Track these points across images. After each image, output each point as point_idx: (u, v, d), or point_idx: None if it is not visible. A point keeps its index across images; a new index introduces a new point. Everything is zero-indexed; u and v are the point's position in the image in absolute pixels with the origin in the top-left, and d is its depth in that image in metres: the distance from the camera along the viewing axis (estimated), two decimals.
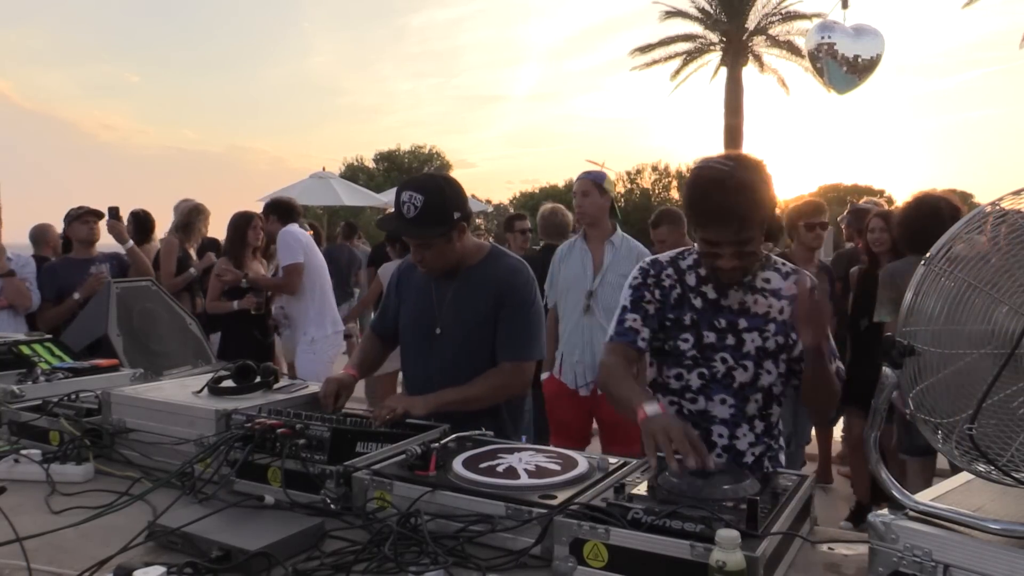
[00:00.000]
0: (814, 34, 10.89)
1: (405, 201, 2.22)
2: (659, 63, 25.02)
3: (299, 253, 4.67)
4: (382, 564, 1.42)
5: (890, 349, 1.31)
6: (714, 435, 1.95)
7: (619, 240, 3.80)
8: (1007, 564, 1.19)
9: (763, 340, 1.94)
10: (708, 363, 1.95)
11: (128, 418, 2.12)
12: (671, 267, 2.03)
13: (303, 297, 4.73)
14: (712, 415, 1.96)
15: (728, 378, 1.94)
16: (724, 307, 1.96)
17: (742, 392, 1.95)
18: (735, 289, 1.95)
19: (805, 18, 22.59)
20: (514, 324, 2.32)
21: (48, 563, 1.47)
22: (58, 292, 4.48)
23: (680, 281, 2.01)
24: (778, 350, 1.95)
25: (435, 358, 2.37)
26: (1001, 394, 1.20)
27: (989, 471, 1.25)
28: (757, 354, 1.93)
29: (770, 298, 1.96)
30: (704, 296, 1.98)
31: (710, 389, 1.95)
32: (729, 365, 1.94)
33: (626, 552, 1.35)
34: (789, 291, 1.95)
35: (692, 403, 1.97)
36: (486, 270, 2.36)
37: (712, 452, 1.89)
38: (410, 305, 2.46)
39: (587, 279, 3.76)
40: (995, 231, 1.25)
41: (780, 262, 2.03)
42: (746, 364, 1.93)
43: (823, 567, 1.48)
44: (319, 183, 13.64)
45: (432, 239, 2.26)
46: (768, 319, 1.94)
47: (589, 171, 3.90)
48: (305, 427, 1.82)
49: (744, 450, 1.96)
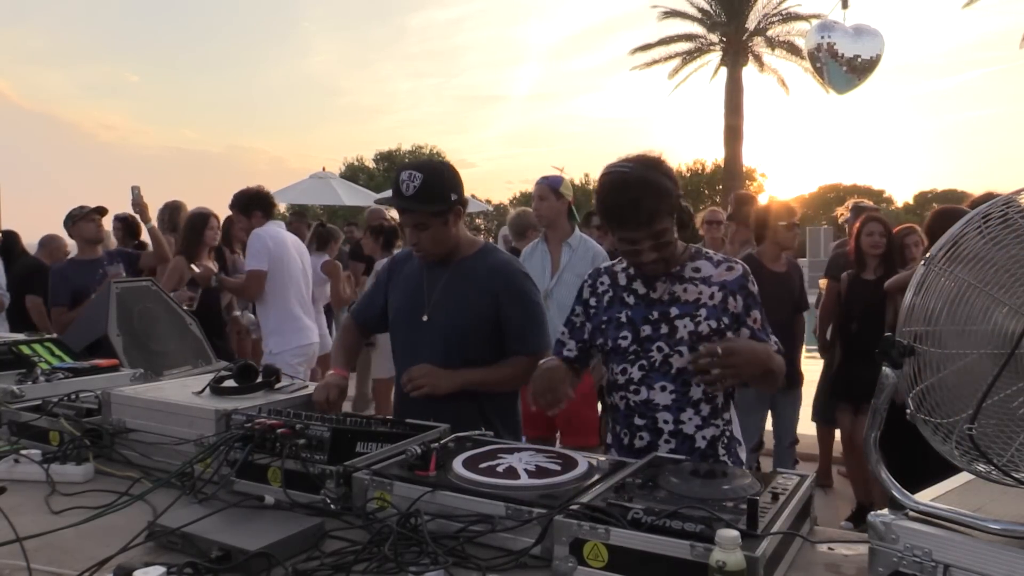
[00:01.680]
0: (814, 34, 10.91)
1: (404, 180, 2.26)
2: (659, 63, 25.07)
3: (264, 260, 4.45)
4: (382, 564, 1.42)
5: (890, 349, 1.31)
6: (659, 422, 2.04)
7: (576, 241, 4.00)
8: (1007, 564, 1.19)
9: (695, 325, 2.01)
10: (647, 354, 2.04)
11: (128, 418, 2.12)
12: (606, 273, 2.19)
13: (265, 307, 4.56)
14: (655, 403, 2.04)
15: (665, 365, 2.03)
16: (655, 300, 2.07)
17: (680, 377, 2.02)
18: (662, 281, 2.06)
19: (805, 19, 22.61)
20: (522, 318, 2.37)
21: (48, 563, 1.47)
22: (73, 296, 4.45)
23: (613, 284, 2.15)
24: (712, 333, 2.01)
25: (422, 345, 2.39)
26: (1001, 394, 1.20)
27: (989, 471, 1.25)
28: (690, 339, 2.00)
29: (700, 285, 2.05)
30: (635, 292, 2.10)
31: (650, 378, 2.04)
32: (665, 353, 2.02)
33: (626, 552, 1.35)
34: (720, 277, 2.04)
35: (635, 394, 2.06)
36: (479, 262, 2.40)
37: (659, 438, 2.03)
38: (400, 293, 2.49)
39: (545, 279, 3.92)
40: (995, 231, 1.25)
41: (710, 252, 2.14)
42: (680, 349, 2.01)
43: (823, 567, 1.48)
44: (319, 183, 13.63)
45: (429, 217, 2.28)
46: (699, 304, 2.03)
47: (546, 176, 4.07)
48: (305, 427, 1.82)
49: (692, 434, 2.03)
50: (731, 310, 2.03)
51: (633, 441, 2.07)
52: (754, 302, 2.06)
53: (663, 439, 2.03)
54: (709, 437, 2.05)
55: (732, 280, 2.04)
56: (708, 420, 2.05)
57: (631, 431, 2.08)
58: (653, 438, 2.04)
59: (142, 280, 3.54)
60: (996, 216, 1.26)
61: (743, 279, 2.05)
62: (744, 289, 2.05)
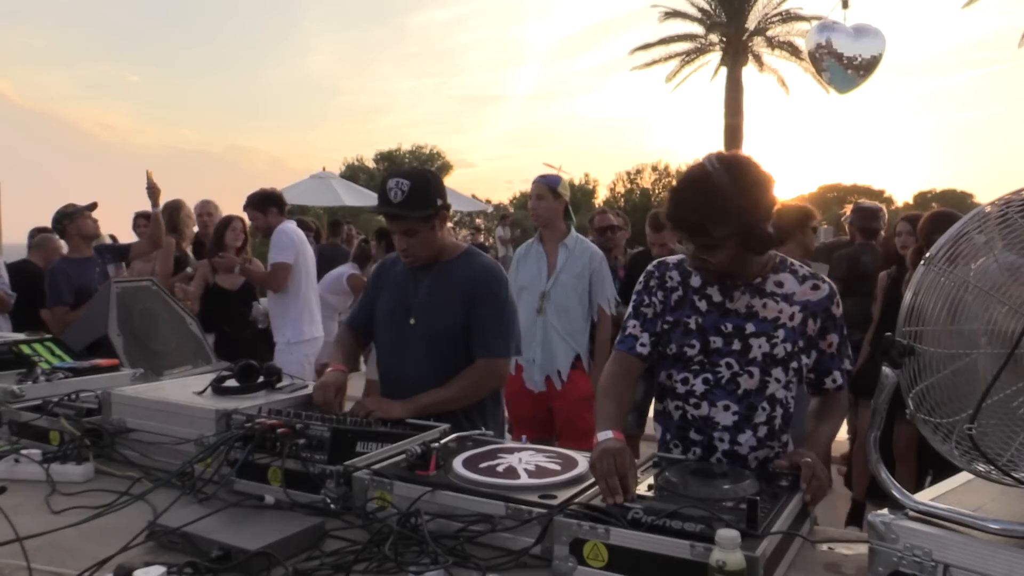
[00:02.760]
0: (814, 34, 10.91)
1: (391, 187, 2.31)
2: (659, 63, 25.02)
3: (290, 253, 4.67)
4: (382, 564, 1.42)
5: (890, 349, 1.31)
6: (715, 440, 1.90)
7: (573, 242, 3.93)
8: (1007, 564, 1.19)
9: (771, 347, 1.86)
10: (713, 368, 1.89)
11: (128, 418, 2.12)
12: (676, 269, 1.99)
13: (286, 297, 4.72)
14: (715, 421, 1.89)
15: (732, 384, 1.88)
16: (730, 311, 1.89)
17: (747, 399, 1.88)
18: (741, 292, 1.89)
19: (805, 19, 22.60)
20: (487, 322, 2.37)
21: (48, 563, 1.47)
22: (76, 294, 4.45)
23: (684, 283, 1.96)
24: (787, 357, 1.87)
25: (409, 349, 2.42)
26: (1001, 394, 1.21)
27: (989, 471, 1.25)
28: (764, 361, 1.86)
29: (781, 303, 1.88)
30: (709, 299, 1.92)
31: (714, 395, 1.89)
32: (734, 371, 1.88)
33: (626, 552, 1.35)
34: (803, 296, 1.89)
35: (696, 408, 1.91)
36: (461, 267, 2.43)
37: (712, 455, 1.90)
38: (387, 297, 2.52)
39: (541, 280, 3.89)
40: (995, 231, 1.25)
41: (797, 264, 1.97)
42: (751, 371, 1.87)
43: (823, 567, 1.48)
44: (319, 183, 13.64)
45: (418, 223, 2.32)
46: (777, 324, 1.87)
47: (544, 175, 4.01)
48: (305, 427, 1.82)
49: (746, 455, 1.90)
50: (808, 333, 1.89)
51: (686, 453, 1.92)
52: (834, 325, 1.91)
53: (715, 457, 1.90)
54: (762, 458, 1.91)
55: (816, 301, 1.89)
56: (764, 441, 1.91)
57: (684, 444, 1.94)
58: (707, 455, 1.91)
59: (142, 280, 3.54)
60: (996, 216, 1.26)
61: (828, 301, 1.90)
62: (826, 312, 1.89)
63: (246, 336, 4.85)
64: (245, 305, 4.92)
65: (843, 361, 1.95)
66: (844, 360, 1.95)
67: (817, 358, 1.93)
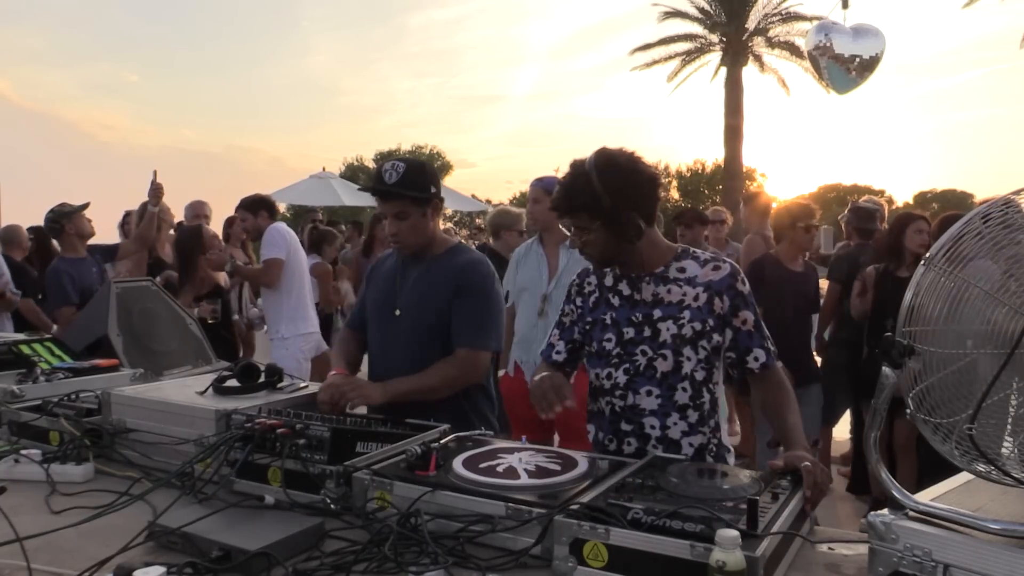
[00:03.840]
0: (814, 34, 10.90)
1: (387, 169, 2.35)
2: (659, 63, 25.00)
3: (282, 250, 4.79)
4: (382, 564, 1.42)
5: (890, 349, 1.31)
6: (646, 427, 1.99)
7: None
8: (1007, 564, 1.19)
9: (679, 328, 1.96)
10: (631, 358, 2.00)
11: (128, 418, 2.12)
12: (593, 274, 2.14)
13: (279, 294, 4.81)
14: (641, 408, 1.99)
15: (650, 369, 1.98)
16: (639, 301, 2.02)
17: (666, 381, 1.97)
18: (647, 282, 2.02)
19: (805, 20, 22.60)
20: (470, 312, 2.38)
21: (48, 563, 1.47)
22: (81, 294, 4.45)
23: (599, 284, 2.11)
24: (696, 336, 1.96)
25: (394, 339, 2.44)
26: (1001, 394, 1.21)
27: (989, 471, 1.25)
28: (674, 342, 1.96)
29: (685, 286, 1.99)
30: (620, 294, 2.06)
31: (635, 383, 2.00)
32: (649, 356, 1.98)
33: (626, 552, 1.35)
34: (705, 276, 1.99)
35: (622, 399, 2.01)
36: (449, 259, 2.45)
37: (647, 444, 1.99)
38: (375, 290, 2.55)
39: (543, 283, 3.88)
40: (995, 231, 1.25)
41: (699, 252, 2.07)
42: (664, 353, 1.96)
43: (823, 567, 1.48)
44: (319, 183, 13.63)
45: (410, 205, 2.34)
46: (683, 307, 1.97)
47: (541, 178, 4.02)
48: (305, 427, 1.82)
49: (678, 439, 1.98)
50: (717, 311, 1.97)
51: (621, 447, 2.02)
52: (744, 303, 1.98)
53: (651, 444, 1.98)
54: (696, 445, 1.99)
55: (719, 280, 1.97)
56: (695, 427, 1.99)
57: (617, 437, 2.03)
58: (641, 444, 2.00)
59: (142, 280, 3.54)
60: (996, 216, 1.26)
61: (731, 278, 1.97)
62: (732, 289, 1.97)
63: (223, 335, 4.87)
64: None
65: (764, 340, 2.00)
66: (765, 340, 2.00)
67: (733, 336, 1.99)
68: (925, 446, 1.36)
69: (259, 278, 4.88)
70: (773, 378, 2.01)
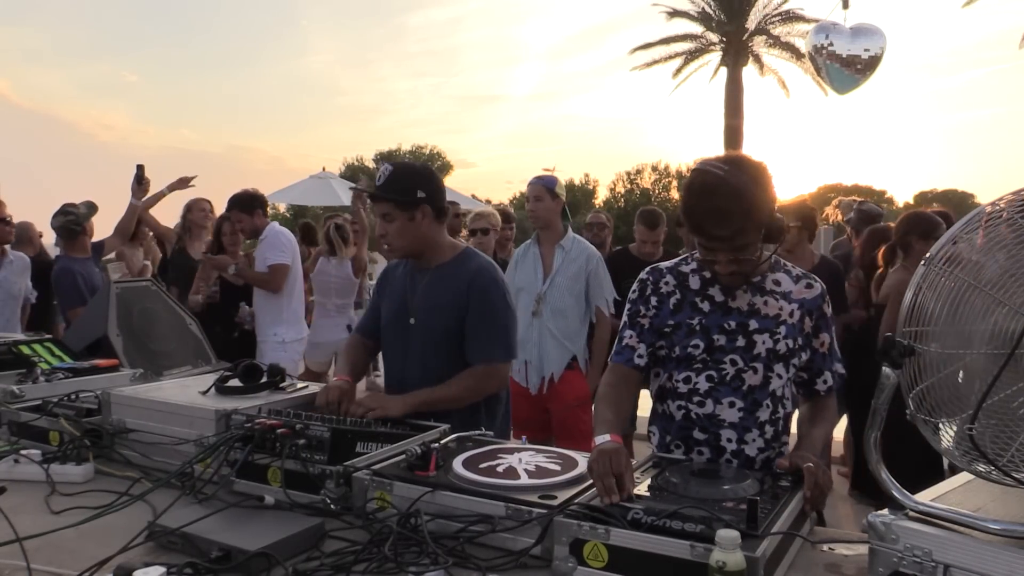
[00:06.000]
0: (814, 34, 10.89)
1: (379, 171, 2.40)
2: (659, 63, 25.02)
3: (287, 255, 4.75)
4: (382, 564, 1.42)
5: (890, 349, 1.31)
6: (723, 440, 1.90)
7: (569, 243, 3.93)
8: (1007, 564, 1.19)
9: (774, 342, 1.89)
10: (717, 365, 1.91)
11: (128, 418, 2.12)
12: (671, 274, 2.01)
13: (280, 298, 4.75)
14: (720, 419, 1.90)
15: (737, 380, 1.90)
16: (733, 309, 1.92)
17: (752, 395, 1.90)
18: (743, 290, 1.92)
19: (805, 20, 22.60)
20: (483, 325, 2.37)
21: (48, 563, 1.47)
22: (92, 294, 4.45)
23: (681, 286, 1.98)
24: (788, 354, 1.91)
25: (409, 348, 2.43)
26: (1001, 394, 1.20)
27: (989, 471, 1.25)
28: (768, 356, 1.89)
29: (780, 300, 1.92)
30: (711, 299, 1.94)
31: (718, 392, 1.90)
32: (739, 367, 1.89)
33: (626, 552, 1.35)
34: (799, 294, 1.93)
35: (700, 406, 1.92)
36: (457, 267, 2.44)
37: (721, 456, 1.90)
38: (389, 299, 2.55)
39: (537, 282, 3.89)
40: (995, 231, 1.25)
41: (789, 265, 2.01)
42: (756, 366, 1.89)
43: (823, 567, 1.47)
44: (319, 183, 13.60)
45: (393, 208, 2.36)
46: (779, 321, 1.90)
47: (540, 176, 4.01)
48: (305, 427, 1.82)
49: (753, 456, 1.91)
50: (805, 330, 1.92)
51: (689, 456, 1.91)
52: (825, 325, 1.95)
53: (724, 458, 1.90)
54: (765, 459, 1.92)
55: (811, 299, 1.93)
56: (770, 443, 1.92)
57: (687, 444, 1.93)
58: (715, 456, 1.90)
59: (142, 280, 3.55)
60: (996, 216, 1.26)
61: (821, 299, 1.94)
62: (819, 310, 1.94)
63: (234, 336, 4.85)
64: (234, 306, 4.91)
65: (834, 363, 1.97)
66: (835, 363, 1.98)
67: (810, 357, 1.96)
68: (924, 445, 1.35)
69: (266, 284, 4.77)
70: (829, 400, 1.99)
